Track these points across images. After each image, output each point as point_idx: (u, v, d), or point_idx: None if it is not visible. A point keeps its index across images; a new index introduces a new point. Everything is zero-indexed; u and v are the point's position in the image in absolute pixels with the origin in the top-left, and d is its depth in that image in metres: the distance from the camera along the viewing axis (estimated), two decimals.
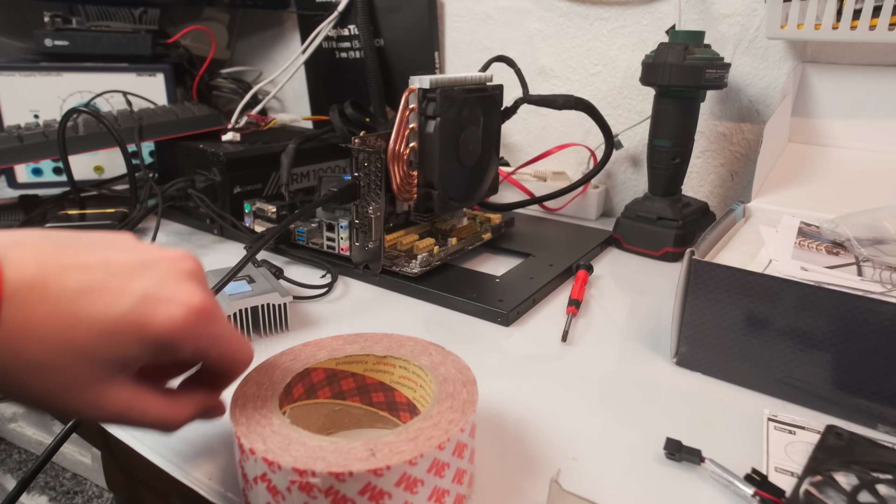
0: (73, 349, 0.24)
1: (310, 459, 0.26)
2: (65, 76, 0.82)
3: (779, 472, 0.33)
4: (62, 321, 0.24)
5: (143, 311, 0.26)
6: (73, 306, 0.24)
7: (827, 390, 0.38)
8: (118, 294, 0.25)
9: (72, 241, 0.27)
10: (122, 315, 0.25)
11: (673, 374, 0.44)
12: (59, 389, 0.25)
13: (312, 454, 0.26)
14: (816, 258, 0.44)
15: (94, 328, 0.25)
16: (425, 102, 0.57)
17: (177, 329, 0.26)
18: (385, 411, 0.37)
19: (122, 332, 0.25)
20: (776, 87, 0.69)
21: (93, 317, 0.25)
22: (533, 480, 0.33)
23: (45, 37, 0.82)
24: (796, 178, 0.61)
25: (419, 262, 0.57)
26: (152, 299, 0.26)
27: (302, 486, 0.26)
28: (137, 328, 0.25)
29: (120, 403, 0.27)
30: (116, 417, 0.27)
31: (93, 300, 0.25)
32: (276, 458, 0.26)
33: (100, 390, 0.26)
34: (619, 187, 0.84)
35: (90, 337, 0.25)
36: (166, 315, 0.26)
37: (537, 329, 0.51)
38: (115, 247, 0.28)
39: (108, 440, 0.38)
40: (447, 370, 0.33)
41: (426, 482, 0.27)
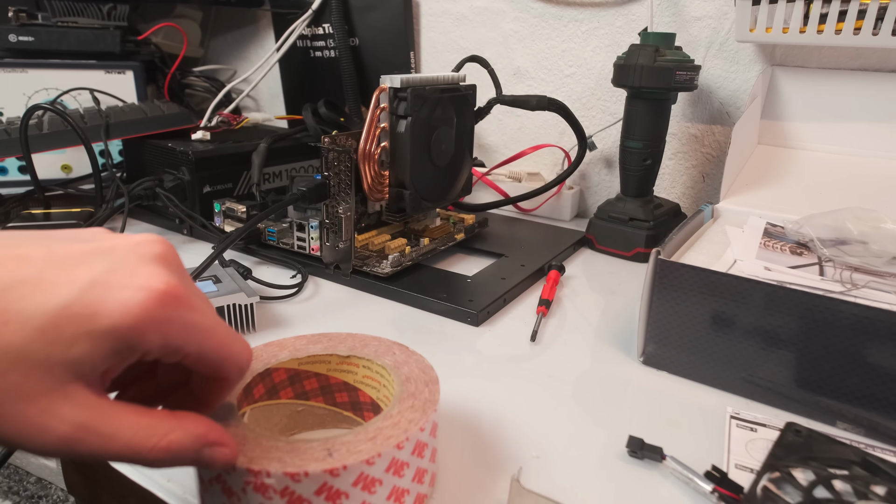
0: (5, 351, 0.20)
1: (265, 460, 0.26)
2: (30, 73, 0.80)
3: (739, 468, 0.34)
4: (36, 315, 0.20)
5: (91, 300, 0.21)
6: (3, 301, 0.20)
7: (789, 388, 0.39)
8: (58, 284, 0.21)
9: (21, 235, 0.23)
10: (62, 306, 0.21)
11: (639, 373, 0.44)
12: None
13: (268, 454, 0.26)
14: (780, 258, 0.45)
15: (28, 324, 0.20)
16: (396, 101, 0.57)
17: (134, 317, 0.21)
18: (349, 411, 0.37)
19: (63, 327, 0.21)
20: (746, 89, 0.70)
21: (27, 311, 0.20)
22: (496, 479, 0.33)
23: (8, 32, 0.80)
24: (764, 179, 0.62)
25: (390, 263, 0.57)
26: (102, 285, 0.21)
27: (257, 486, 0.25)
28: (84, 320, 0.21)
29: (73, 421, 0.21)
30: (69, 441, 0.21)
31: (26, 292, 0.21)
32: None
33: (46, 404, 0.21)
34: (593, 188, 0.85)
35: (24, 335, 0.20)
36: (119, 301, 0.21)
37: (507, 329, 0.51)
38: (70, 238, 0.24)
39: None
40: (410, 369, 0.33)
41: (384, 482, 0.27)
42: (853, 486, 0.31)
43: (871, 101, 0.62)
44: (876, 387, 0.36)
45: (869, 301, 0.36)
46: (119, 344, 0.22)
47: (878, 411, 0.36)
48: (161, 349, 0.23)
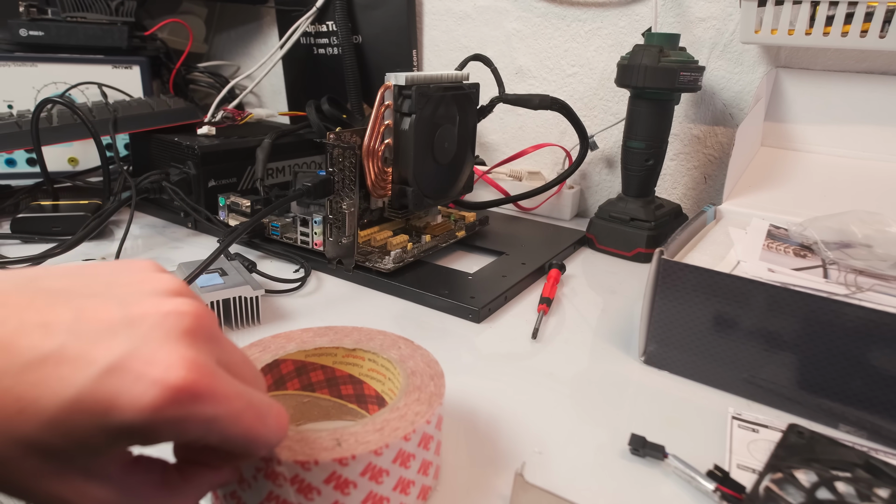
0: (19, 442, 0.19)
1: (276, 448, 0.26)
2: (39, 67, 0.80)
3: (741, 468, 0.33)
4: (6, 406, 0.19)
5: (106, 390, 0.19)
6: (21, 385, 0.19)
7: (791, 390, 0.38)
8: (78, 364, 0.19)
9: (54, 286, 0.21)
10: (76, 396, 0.19)
11: (641, 372, 0.44)
12: (20, 481, 0.20)
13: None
14: (784, 260, 0.44)
15: (42, 415, 0.19)
16: (401, 99, 0.56)
17: (145, 418, 0.19)
18: (354, 404, 0.37)
19: (76, 420, 0.19)
20: (750, 91, 0.70)
21: (42, 400, 0.19)
22: (499, 473, 0.33)
23: (19, 27, 0.80)
24: (768, 181, 0.61)
25: (392, 259, 0.57)
26: (120, 371, 0.20)
27: (268, 474, 0.25)
28: (97, 414, 0.19)
29: (99, 498, 0.21)
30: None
31: (45, 375, 0.19)
32: None
33: (69, 484, 0.20)
34: (593, 188, 0.84)
35: (37, 427, 0.19)
36: (133, 396, 0.19)
37: (508, 326, 0.50)
38: (103, 293, 0.22)
39: None
40: (415, 363, 0.33)
41: (391, 472, 0.27)
42: (856, 489, 0.31)
43: (876, 104, 0.61)
44: (879, 390, 0.36)
45: (873, 304, 0.35)
46: (132, 439, 0.20)
47: (881, 414, 0.36)
48: (176, 437, 0.21)
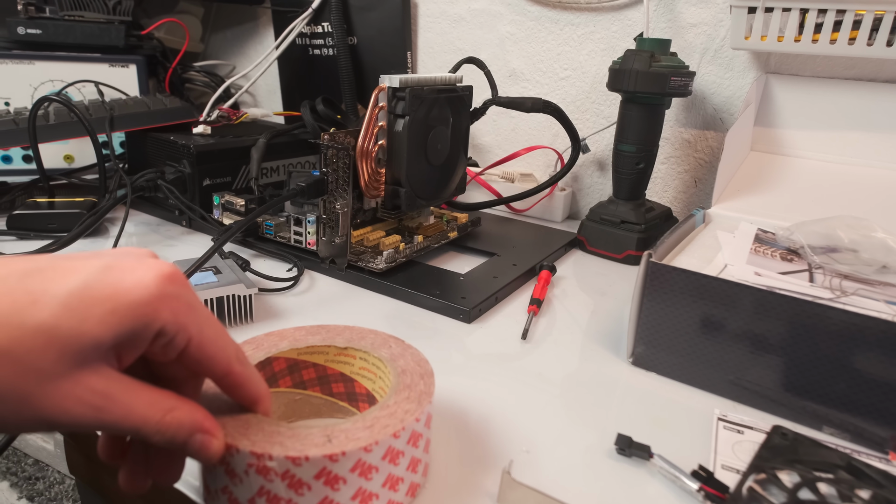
0: (39, 329, 0.21)
1: (267, 444, 0.26)
2: (37, 64, 0.80)
3: (725, 469, 0.33)
4: (17, 299, 0.21)
5: (110, 280, 0.22)
6: (26, 284, 0.21)
7: (776, 392, 0.38)
8: (75, 270, 0.22)
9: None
10: (85, 285, 0.22)
11: (629, 373, 0.44)
12: (31, 381, 0.21)
13: (270, 439, 0.26)
14: (771, 264, 0.44)
15: (57, 301, 0.21)
16: (395, 101, 0.56)
17: (150, 293, 0.23)
18: (345, 401, 0.37)
19: (91, 304, 0.22)
20: (740, 96, 0.70)
21: (52, 291, 0.21)
22: (487, 472, 0.33)
23: (17, 24, 0.80)
24: (757, 185, 0.61)
25: (385, 258, 0.56)
26: (116, 268, 0.23)
27: (259, 469, 0.26)
28: (108, 298, 0.22)
29: (101, 391, 0.22)
30: (96, 410, 0.22)
31: (47, 277, 0.22)
32: (235, 442, 0.26)
33: (75, 380, 0.22)
34: (585, 190, 0.84)
35: (55, 311, 0.21)
36: (135, 280, 0.23)
37: (499, 327, 0.50)
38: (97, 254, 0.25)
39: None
40: (406, 362, 0.33)
41: (380, 469, 0.27)
42: (838, 490, 0.31)
43: (864, 110, 0.61)
44: (863, 393, 0.36)
45: (857, 308, 0.35)
46: (138, 322, 0.22)
47: (864, 417, 0.36)
48: (171, 326, 0.23)
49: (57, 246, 0.57)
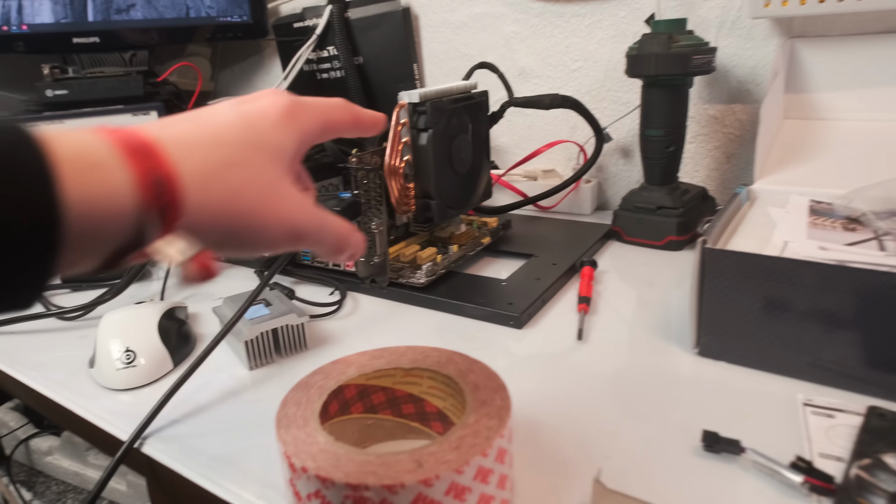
0: (247, 142, 0.24)
1: (361, 474, 0.26)
2: (67, 123, 0.81)
3: (823, 457, 0.31)
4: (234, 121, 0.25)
5: (253, 105, 0.25)
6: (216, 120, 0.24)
7: (861, 370, 0.36)
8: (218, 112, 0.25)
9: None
10: (240, 113, 0.25)
11: (696, 364, 0.42)
12: (263, 186, 0.24)
13: (362, 469, 0.26)
14: (833, 236, 0.42)
15: (234, 126, 0.24)
16: (416, 116, 0.55)
17: (287, 103, 0.26)
18: (416, 422, 0.36)
19: (260, 124, 0.25)
20: (765, 65, 0.67)
21: (218, 121, 0.24)
22: (571, 481, 0.31)
23: (45, 88, 0.82)
24: (798, 155, 0.58)
25: (425, 272, 0.55)
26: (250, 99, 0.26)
27: (356, 500, 0.26)
28: (261, 113, 0.25)
29: (311, 206, 0.26)
30: (312, 219, 0.26)
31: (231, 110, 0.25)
32: (329, 475, 0.26)
33: (292, 188, 0.25)
34: (611, 179, 0.82)
35: (240, 133, 0.24)
36: (271, 101, 0.26)
37: (550, 329, 0.49)
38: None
39: (154, 466, 0.37)
40: (476, 377, 0.32)
41: (473, 489, 0.27)
42: None
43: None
44: None
45: None
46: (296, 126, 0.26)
47: None
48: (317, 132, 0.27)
49: (111, 294, 0.57)
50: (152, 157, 0.21)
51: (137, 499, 0.80)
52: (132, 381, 0.45)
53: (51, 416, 0.47)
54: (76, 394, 0.45)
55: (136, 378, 0.45)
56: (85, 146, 0.20)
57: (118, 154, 0.20)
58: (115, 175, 0.20)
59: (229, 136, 0.24)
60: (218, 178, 0.23)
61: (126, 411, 0.42)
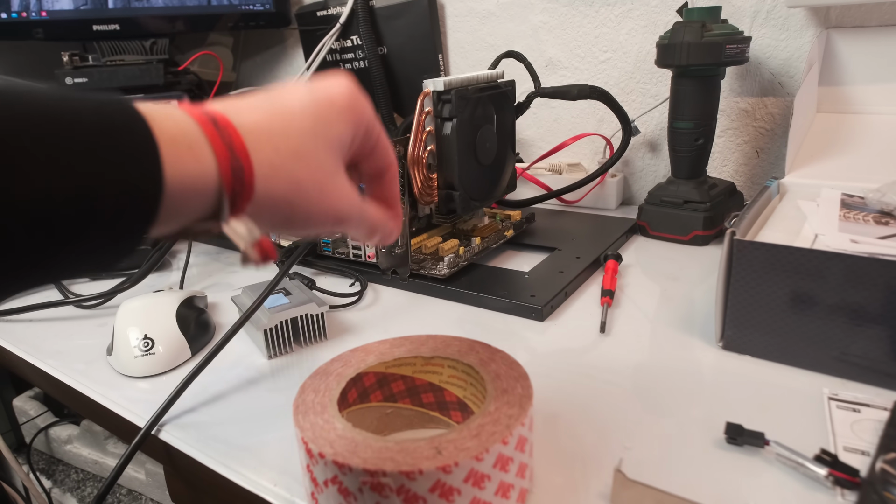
0: (304, 134, 0.25)
1: (379, 460, 0.26)
2: None
3: (848, 451, 0.32)
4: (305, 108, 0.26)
5: (322, 93, 0.27)
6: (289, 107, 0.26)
7: (889, 365, 0.36)
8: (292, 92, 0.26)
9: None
10: (312, 99, 0.26)
11: (720, 358, 0.42)
12: (321, 177, 0.26)
13: (380, 455, 0.26)
14: (865, 229, 0.42)
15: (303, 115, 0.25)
16: (440, 104, 0.55)
17: (350, 97, 0.27)
18: (435, 411, 0.37)
19: (324, 113, 0.26)
20: (799, 56, 0.66)
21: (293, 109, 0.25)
22: (592, 471, 0.32)
23: (65, 76, 0.83)
24: (830, 149, 0.58)
25: (447, 264, 0.56)
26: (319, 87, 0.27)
27: (374, 486, 0.26)
28: (329, 103, 0.26)
29: (354, 191, 0.28)
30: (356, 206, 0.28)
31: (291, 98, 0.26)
32: (347, 461, 0.26)
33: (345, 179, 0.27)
34: (637, 174, 0.82)
35: (308, 123, 0.25)
36: (338, 89, 0.27)
37: (573, 322, 0.49)
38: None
39: (171, 453, 0.38)
40: (497, 367, 0.33)
41: (492, 477, 0.27)
42: None
43: None
44: None
45: None
46: (353, 121, 0.27)
47: None
48: (372, 120, 0.28)
49: (130, 283, 0.59)
50: (235, 144, 0.23)
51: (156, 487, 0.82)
52: (150, 368, 0.45)
53: (69, 404, 0.48)
54: (94, 381, 0.46)
55: (154, 366, 0.46)
56: (182, 128, 0.22)
57: (207, 138, 0.22)
58: (205, 158, 0.22)
59: (300, 126, 0.25)
60: (285, 169, 0.24)
61: (144, 399, 0.43)
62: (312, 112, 0.26)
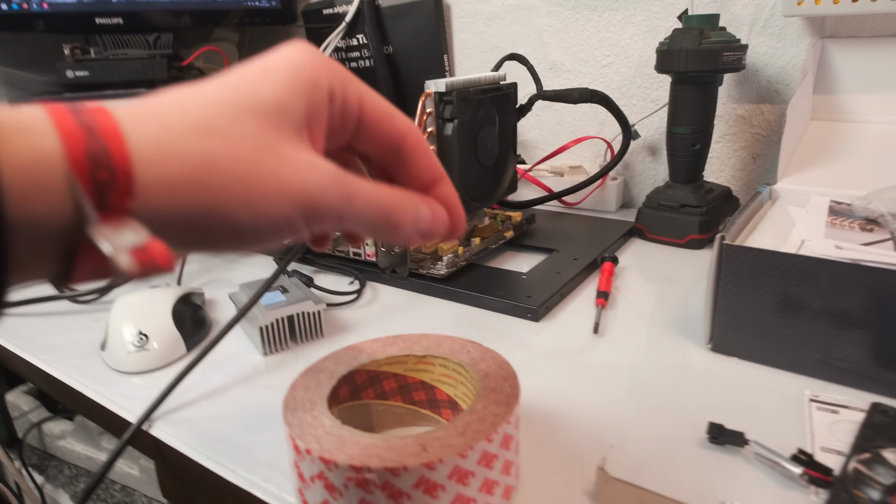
0: (222, 103, 0.21)
1: (364, 457, 0.27)
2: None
3: (825, 451, 0.33)
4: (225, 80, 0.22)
5: (260, 64, 0.22)
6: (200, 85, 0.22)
7: (868, 368, 0.38)
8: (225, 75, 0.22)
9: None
10: (239, 72, 0.22)
11: (708, 360, 0.44)
12: (246, 147, 0.20)
13: (366, 451, 0.27)
14: (850, 236, 0.44)
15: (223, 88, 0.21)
16: (442, 105, 0.57)
17: (303, 59, 0.23)
18: (426, 409, 0.38)
19: (256, 80, 0.22)
20: (795, 65, 0.68)
21: (214, 85, 0.21)
22: (577, 469, 0.34)
23: (66, 68, 0.83)
24: (822, 156, 0.60)
25: (445, 264, 0.58)
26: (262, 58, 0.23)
27: (359, 482, 0.27)
28: (266, 73, 0.22)
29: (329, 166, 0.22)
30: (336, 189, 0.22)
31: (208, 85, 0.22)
32: (333, 457, 0.27)
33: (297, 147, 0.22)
34: (637, 177, 0.84)
35: (228, 91, 0.21)
36: (284, 54, 0.23)
37: (567, 323, 0.51)
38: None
39: (162, 449, 0.40)
40: (487, 366, 0.34)
41: (477, 474, 0.28)
42: None
43: None
44: None
45: None
46: (303, 84, 0.22)
47: None
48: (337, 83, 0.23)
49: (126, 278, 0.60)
50: (96, 124, 0.18)
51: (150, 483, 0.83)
52: (144, 364, 0.46)
53: (62, 399, 0.49)
54: (87, 377, 0.46)
55: (148, 362, 0.46)
56: (15, 113, 0.17)
57: (49, 119, 0.18)
58: (42, 142, 0.17)
59: (213, 98, 0.21)
60: (185, 146, 0.19)
61: (137, 394, 0.43)
62: (234, 82, 0.22)
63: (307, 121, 0.22)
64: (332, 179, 0.22)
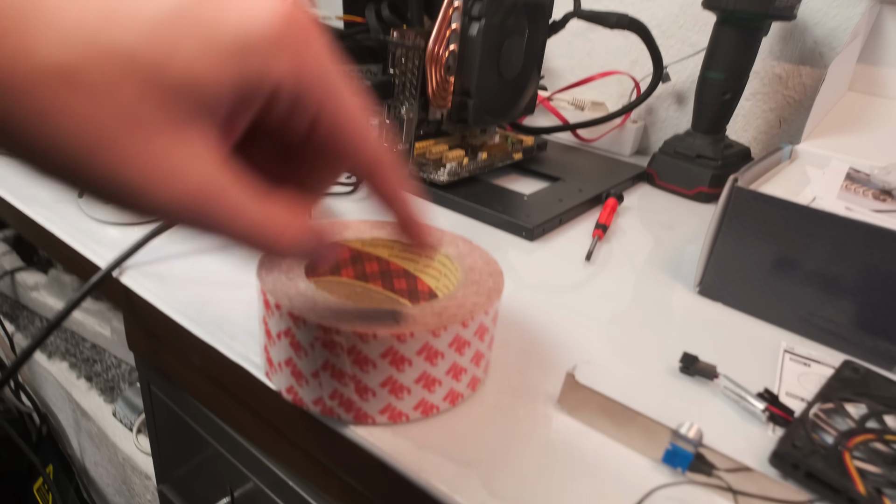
0: (113, 51, 0.16)
1: (335, 319, 0.26)
2: None
3: (789, 396, 0.34)
4: (86, 14, 0.16)
5: (212, 6, 0.17)
6: (105, 3, 0.16)
7: (848, 330, 0.39)
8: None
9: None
10: (177, 10, 0.16)
11: (694, 301, 0.45)
12: (108, 118, 0.16)
13: (338, 315, 0.27)
14: (862, 201, 0.44)
15: (136, 23, 0.16)
16: (471, 2, 0.55)
17: (263, 31, 0.17)
18: (406, 298, 0.38)
19: (180, 31, 0.16)
20: (846, 28, 0.66)
21: (132, 11, 0.16)
22: (546, 376, 0.35)
23: None
24: (852, 126, 0.59)
25: (447, 171, 0.57)
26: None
27: (325, 342, 0.26)
28: (204, 25, 0.17)
29: (207, 173, 0.18)
30: (198, 197, 0.18)
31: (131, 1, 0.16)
32: (302, 315, 0.27)
33: (174, 140, 0.17)
34: (658, 124, 0.82)
35: (134, 35, 0.16)
36: (243, 11, 0.17)
37: (561, 248, 0.51)
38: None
39: (131, 299, 0.40)
40: (474, 261, 0.34)
41: (446, 356, 0.28)
42: None
43: None
44: None
45: None
46: (244, 67, 0.17)
47: None
48: (291, 79, 0.18)
49: None
50: None
51: (121, 345, 0.85)
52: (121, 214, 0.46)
53: (39, 244, 0.48)
54: (64, 220, 0.47)
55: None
56: None
57: None
58: None
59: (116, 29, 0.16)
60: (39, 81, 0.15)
61: (112, 244, 0.44)
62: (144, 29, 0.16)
63: (225, 113, 0.18)
64: (192, 195, 0.17)
